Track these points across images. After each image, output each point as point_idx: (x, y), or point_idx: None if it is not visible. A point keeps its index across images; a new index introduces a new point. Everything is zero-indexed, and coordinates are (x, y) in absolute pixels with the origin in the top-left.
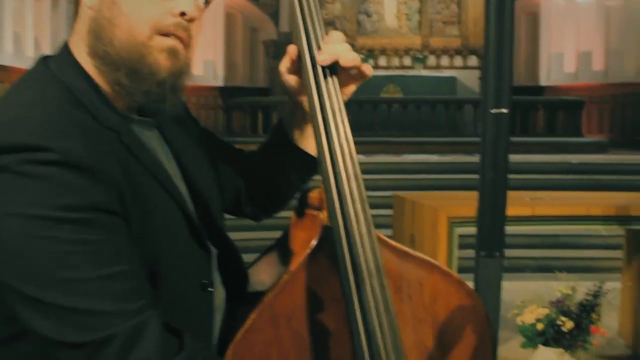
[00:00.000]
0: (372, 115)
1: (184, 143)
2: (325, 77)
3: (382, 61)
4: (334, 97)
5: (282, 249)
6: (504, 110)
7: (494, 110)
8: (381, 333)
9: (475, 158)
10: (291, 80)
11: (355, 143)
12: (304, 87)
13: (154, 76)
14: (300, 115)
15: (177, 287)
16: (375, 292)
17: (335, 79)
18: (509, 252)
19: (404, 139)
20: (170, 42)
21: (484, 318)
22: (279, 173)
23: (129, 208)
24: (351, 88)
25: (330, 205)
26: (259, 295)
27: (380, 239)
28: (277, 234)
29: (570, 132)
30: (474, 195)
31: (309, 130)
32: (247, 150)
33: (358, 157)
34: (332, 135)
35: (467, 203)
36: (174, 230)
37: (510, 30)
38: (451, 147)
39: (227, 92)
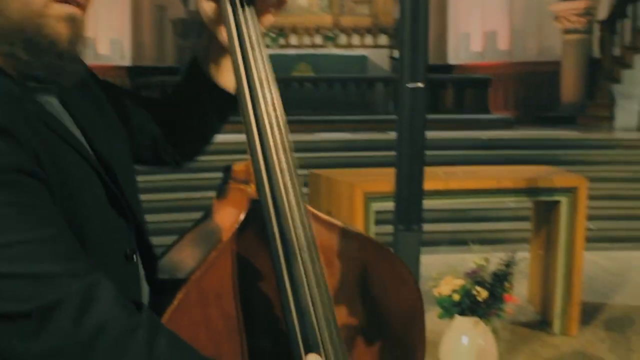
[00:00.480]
0: (283, 94)
1: (88, 108)
2: (242, 4)
3: (293, 40)
4: (252, 25)
5: (206, 227)
6: (420, 85)
7: (410, 85)
8: (313, 308)
9: (387, 135)
10: (208, 7)
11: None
12: (220, 16)
13: (54, 47)
14: (216, 48)
15: (102, 257)
16: (307, 266)
17: (252, 8)
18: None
19: (316, 117)
20: (68, 8)
21: (416, 289)
22: (195, 114)
23: (48, 173)
24: (268, 18)
25: (259, 180)
26: (181, 281)
27: (310, 212)
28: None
29: (478, 109)
30: (389, 171)
31: (226, 64)
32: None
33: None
34: (251, 68)
35: (382, 179)
36: (93, 198)
37: (425, 5)
38: (363, 125)
39: (134, 72)
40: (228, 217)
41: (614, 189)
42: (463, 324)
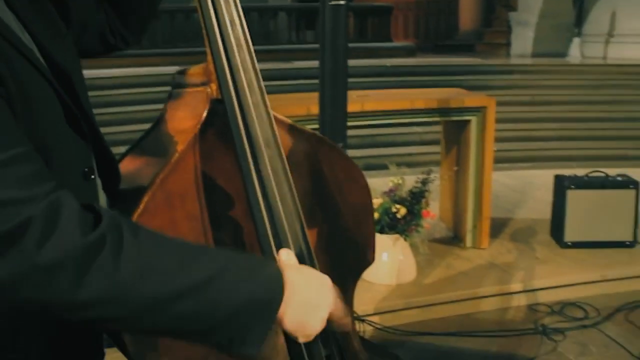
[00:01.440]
0: (183, 26)
1: (33, 11)
2: None
3: None
4: None
5: (163, 132)
6: (342, 2)
7: (332, 2)
8: (281, 203)
9: (291, 65)
10: None
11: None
12: None
13: None
14: None
15: (61, 175)
16: (272, 161)
17: None
18: None
19: None
20: None
21: (366, 186)
22: None
23: (9, 90)
24: None
25: (221, 77)
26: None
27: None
28: None
29: (380, 38)
30: (303, 96)
31: None
32: None
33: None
34: None
35: (296, 103)
36: (51, 113)
37: None
38: (268, 55)
39: None
40: (187, 119)
41: (513, 112)
42: (383, 241)
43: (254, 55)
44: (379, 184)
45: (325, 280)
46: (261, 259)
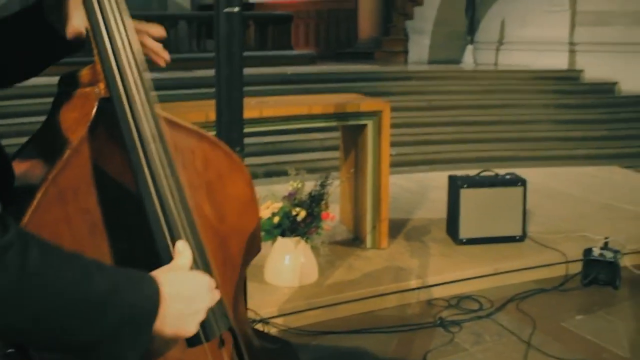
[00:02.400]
0: None
1: None
2: None
3: None
4: None
5: (53, 131)
6: (236, 9)
7: (227, 10)
8: (170, 194)
9: (193, 74)
10: None
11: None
12: None
13: None
14: None
15: None
16: (161, 155)
17: None
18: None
19: None
20: None
21: (249, 177)
22: (24, 53)
23: None
24: None
25: (109, 75)
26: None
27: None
28: None
29: (281, 46)
30: (201, 103)
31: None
32: None
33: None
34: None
35: (196, 110)
36: None
37: None
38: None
39: None
40: (77, 118)
41: (411, 117)
42: (285, 244)
43: (139, 53)
44: (281, 190)
45: (203, 282)
46: (140, 276)
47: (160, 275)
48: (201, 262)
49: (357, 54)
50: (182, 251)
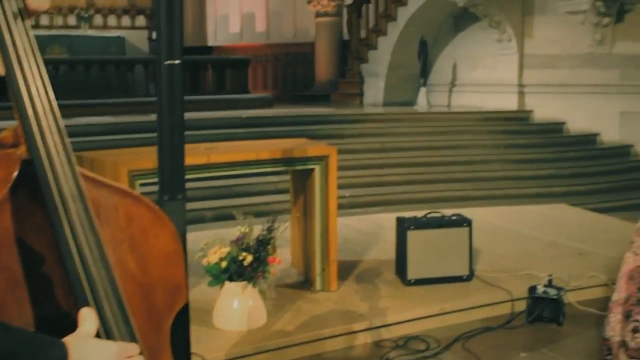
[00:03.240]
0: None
1: None
2: None
3: (45, 20)
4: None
5: None
6: (177, 62)
7: (167, 62)
8: (90, 251)
9: (148, 117)
10: None
11: None
12: None
13: None
14: None
15: None
16: (81, 214)
17: None
18: (189, 205)
19: (74, 101)
20: None
21: (174, 232)
22: None
23: None
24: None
25: (31, 139)
26: None
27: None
28: None
29: (238, 90)
30: (152, 149)
31: None
32: None
33: None
34: (14, 42)
35: (146, 156)
36: None
37: None
38: (124, 107)
39: None
40: None
41: (364, 159)
42: (232, 288)
43: (58, 114)
44: (230, 233)
45: (109, 350)
46: (49, 341)
47: (72, 341)
48: (121, 319)
49: (314, 96)
50: (87, 318)
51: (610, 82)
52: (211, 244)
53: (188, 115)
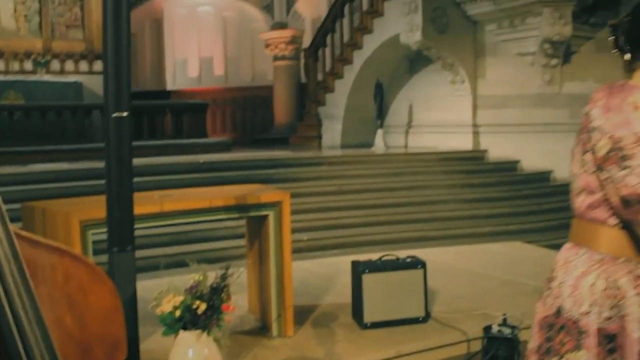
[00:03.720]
0: None
1: None
2: None
3: (1, 65)
4: None
5: None
6: (124, 114)
7: (115, 114)
8: (25, 312)
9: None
10: None
11: None
12: None
13: None
14: None
15: None
16: (15, 275)
17: None
18: (144, 252)
19: (30, 148)
20: None
21: (113, 290)
22: None
23: None
24: None
25: None
26: None
27: (14, 231)
28: None
29: (196, 134)
30: (104, 198)
31: None
32: None
33: None
34: None
35: (98, 205)
36: None
37: (127, 35)
38: (81, 154)
39: None
40: None
41: (322, 202)
42: (187, 337)
43: None
44: (185, 281)
45: None
46: None
47: None
48: None
49: (273, 139)
50: None
51: (560, 120)
52: (165, 292)
53: (146, 160)
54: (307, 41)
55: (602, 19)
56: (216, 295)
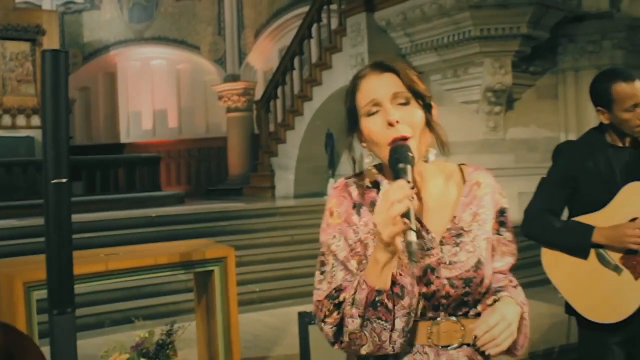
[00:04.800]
0: None
1: None
2: None
3: None
4: None
5: None
6: (64, 180)
7: (54, 181)
8: None
9: None
10: None
11: None
12: None
13: None
14: None
15: None
16: None
17: None
18: (94, 309)
19: None
20: None
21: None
22: None
23: None
24: None
25: None
26: None
27: None
28: None
29: (149, 187)
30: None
31: None
32: None
33: None
34: None
35: (42, 266)
36: None
37: (65, 101)
38: (32, 210)
39: None
40: None
41: (274, 253)
42: None
43: None
44: (132, 337)
45: None
46: None
47: None
48: None
49: (227, 190)
50: None
51: (506, 165)
52: (111, 350)
53: (98, 215)
54: (259, 93)
55: (541, 67)
56: (162, 351)
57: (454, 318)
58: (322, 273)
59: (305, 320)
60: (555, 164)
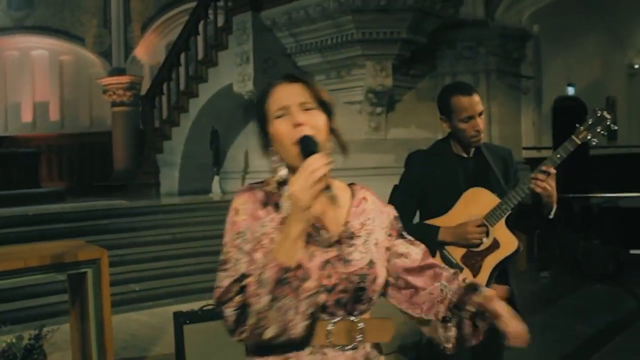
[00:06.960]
0: None
1: None
2: None
3: None
4: None
5: None
6: None
7: None
8: None
9: None
10: None
11: None
12: None
13: None
14: None
15: None
16: None
17: None
18: None
19: None
20: None
21: None
22: None
23: None
24: None
25: None
26: None
27: None
28: None
29: (27, 184)
30: None
31: None
32: None
33: None
34: None
35: None
36: None
37: None
38: None
39: None
40: None
41: (157, 251)
42: None
43: None
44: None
45: None
46: None
47: None
48: None
49: (112, 186)
50: None
51: (387, 164)
52: None
53: None
54: (146, 87)
55: (421, 71)
56: (30, 357)
57: (352, 318)
58: (225, 270)
59: (180, 320)
60: (406, 173)
